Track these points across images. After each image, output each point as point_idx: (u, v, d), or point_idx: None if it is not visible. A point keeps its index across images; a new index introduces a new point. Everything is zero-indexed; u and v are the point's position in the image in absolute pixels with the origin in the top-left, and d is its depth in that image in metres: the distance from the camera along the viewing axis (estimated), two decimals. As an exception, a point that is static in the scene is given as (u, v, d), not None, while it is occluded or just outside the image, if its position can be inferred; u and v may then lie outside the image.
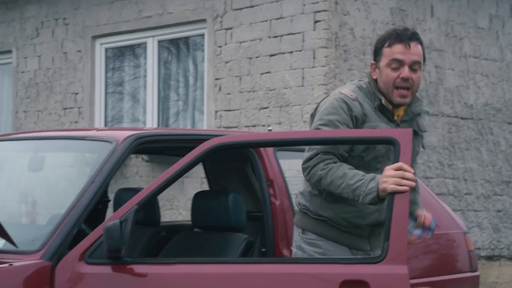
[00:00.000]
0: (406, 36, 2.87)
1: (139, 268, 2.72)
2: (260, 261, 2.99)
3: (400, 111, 2.92)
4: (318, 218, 2.88)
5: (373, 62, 2.98)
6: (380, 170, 2.71)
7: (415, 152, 2.91)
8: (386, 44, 2.90)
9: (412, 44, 2.86)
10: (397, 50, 2.84)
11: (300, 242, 2.91)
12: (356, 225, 2.86)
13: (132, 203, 2.73)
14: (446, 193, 7.34)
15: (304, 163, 2.81)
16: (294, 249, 2.95)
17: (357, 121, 2.84)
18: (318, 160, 2.77)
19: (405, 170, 2.58)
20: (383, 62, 2.89)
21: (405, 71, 2.82)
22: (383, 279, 2.54)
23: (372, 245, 2.89)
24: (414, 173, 2.64)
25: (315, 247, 2.87)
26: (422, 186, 3.83)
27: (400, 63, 2.84)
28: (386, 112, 2.88)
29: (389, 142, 2.69)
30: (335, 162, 2.77)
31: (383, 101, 2.87)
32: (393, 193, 2.57)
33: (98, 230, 2.74)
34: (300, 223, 2.94)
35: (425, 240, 3.67)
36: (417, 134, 2.90)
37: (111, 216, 2.73)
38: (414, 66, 2.85)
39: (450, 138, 7.43)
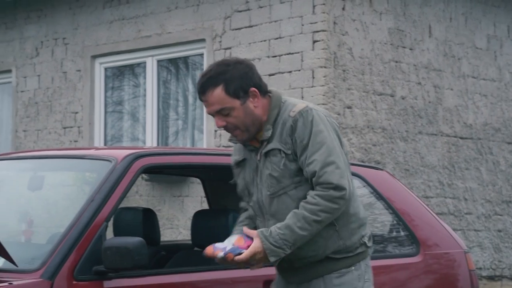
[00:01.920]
0: (198, 93, 2.73)
1: (123, 282, 2.81)
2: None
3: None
4: None
5: None
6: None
7: (262, 172, 2.73)
8: None
9: (207, 96, 2.69)
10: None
11: None
12: None
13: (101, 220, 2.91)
14: (447, 212, 7.33)
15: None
16: None
17: None
18: None
19: None
20: None
21: (216, 123, 2.73)
22: None
23: (298, 279, 2.76)
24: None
25: None
26: (420, 205, 3.82)
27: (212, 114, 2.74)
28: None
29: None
30: None
31: (230, 136, 2.81)
32: None
33: (82, 248, 2.81)
34: None
35: (425, 260, 3.67)
36: (267, 156, 2.70)
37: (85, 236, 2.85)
38: (221, 112, 2.69)
39: (450, 158, 7.44)
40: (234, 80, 2.70)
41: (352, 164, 4.14)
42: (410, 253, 3.72)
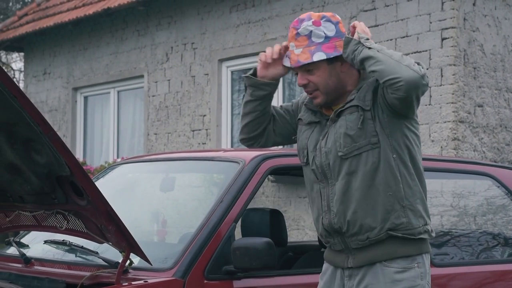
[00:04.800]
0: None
1: (252, 282, 2.82)
2: None
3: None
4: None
5: None
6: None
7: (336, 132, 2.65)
8: None
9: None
10: None
11: None
12: (327, 237, 2.69)
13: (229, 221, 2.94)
14: None
15: None
16: None
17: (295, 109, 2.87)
18: None
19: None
20: None
21: (298, 79, 2.70)
22: None
23: (355, 262, 2.63)
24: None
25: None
26: None
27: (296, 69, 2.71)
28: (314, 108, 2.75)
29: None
30: None
31: (306, 100, 2.78)
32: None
33: (212, 247, 2.85)
34: None
35: None
36: (341, 115, 2.64)
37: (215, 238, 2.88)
38: (306, 67, 2.65)
39: None
40: None
41: (484, 164, 3.99)
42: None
